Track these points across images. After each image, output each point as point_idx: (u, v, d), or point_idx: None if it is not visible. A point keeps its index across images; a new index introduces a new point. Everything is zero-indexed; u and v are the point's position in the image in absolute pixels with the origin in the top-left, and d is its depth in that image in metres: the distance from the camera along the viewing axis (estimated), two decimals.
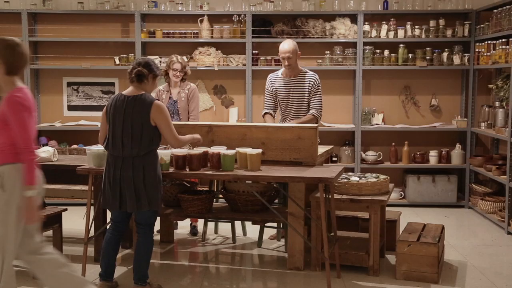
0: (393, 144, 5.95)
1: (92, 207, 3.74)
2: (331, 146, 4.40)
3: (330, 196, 3.71)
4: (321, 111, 4.45)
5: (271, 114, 4.65)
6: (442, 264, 4.00)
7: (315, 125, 3.81)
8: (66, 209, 3.91)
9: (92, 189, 3.88)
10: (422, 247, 3.65)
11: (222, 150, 3.63)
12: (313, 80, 4.45)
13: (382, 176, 4.02)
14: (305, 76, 4.48)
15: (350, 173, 4.21)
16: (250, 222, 4.38)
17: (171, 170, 3.61)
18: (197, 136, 3.69)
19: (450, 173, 5.93)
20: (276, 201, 4.44)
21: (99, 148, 3.66)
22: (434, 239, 3.71)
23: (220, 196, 4.33)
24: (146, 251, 3.43)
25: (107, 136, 3.38)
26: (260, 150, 3.62)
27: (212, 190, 4.34)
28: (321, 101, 4.46)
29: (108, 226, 3.94)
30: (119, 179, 3.32)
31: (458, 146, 5.89)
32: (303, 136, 3.78)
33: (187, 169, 3.60)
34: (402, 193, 5.95)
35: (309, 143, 3.77)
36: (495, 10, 5.16)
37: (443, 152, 5.90)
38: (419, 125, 6.00)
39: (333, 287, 3.55)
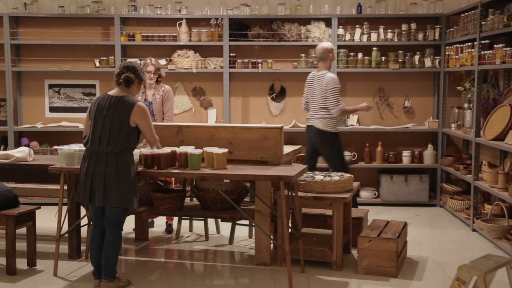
0: (367, 144, 6.11)
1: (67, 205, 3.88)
2: (299, 146, 4.54)
3: (294, 194, 3.85)
4: (333, 106, 4.86)
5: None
6: (404, 259, 4.15)
7: (280, 125, 3.95)
8: (39, 207, 4.03)
9: (66, 187, 4.02)
10: (382, 243, 3.80)
11: (189, 149, 3.77)
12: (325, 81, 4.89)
13: (346, 175, 4.17)
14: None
15: (317, 172, 4.35)
16: (225, 220, 4.53)
17: (140, 168, 3.75)
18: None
19: (422, 173, 6.09)
20: (248, 199, 4.61)
21: (71, 147, 3.79)
22: (394, 235, 3.86)
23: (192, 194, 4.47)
24: (113, 247, 3.54)
25: (88, 133, 3.54)
26: (225, 150, 3.76)
27: (184, 188, 4.48)
28: (334, 98, 4.85)
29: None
30: (91, 173, 3.47)
31: (430, 146, 6.05)
32: (269, 136, 3.92)
33: (156, 168, 3.74)
34: (376, 192, 6.11)
35: (274, 142, 3.91)
36: (462, 15, 5.33)
37: (416, 152, 6.06)
38: (393, 126, 6.16)
39: (296, 282, 3.70)
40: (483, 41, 4.84)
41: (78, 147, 3.81)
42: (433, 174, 6.09)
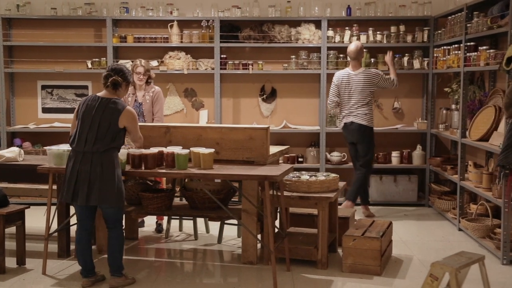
0: None
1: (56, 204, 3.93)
2: (286, 147, 4.60)
3: (279, 194, 3.91)
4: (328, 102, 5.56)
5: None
6: (389, 258, 4.21)
7: (266, 126, 4.02)
8: (28, 207, 4.09)
9: (55, 187, 4.08)
10: (366, 241, 3.86)
11: (176, 149, 3.83)
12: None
13: (332, 175, 4.23)
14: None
15: (304, 171, 4.41)
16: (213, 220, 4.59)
17: (128, 168, 3.80)
18: None
19: (411, 173, 6.15)
20: (237, 199, 4.67)
21: (60, 147, 3.85)
22: (378, 234, 3.92)
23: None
24: (117, 244, 3.63)
25: (74, 132, 3.59)
26: (212, 150, 3.82)
27: (172, 188, 4.54)
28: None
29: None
30: (77, 172, 3.53)
31: (418, 147, 6.12)
32: (255, 136, 3.98)
33: (143, 168, 3.80)
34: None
35: (260, 143, 3.97)
36: (449, 17, 5.40)
37: (405, 153, 6.13)
38: (382, 127, 6.22)
39: (282, 280, 3.76)
40: (468, 43, 4.91)
41: (67, 147, 3.86)
42: (421, 175, 6.15)
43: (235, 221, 4.68)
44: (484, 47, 4.61)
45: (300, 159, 6.19)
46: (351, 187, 5.51)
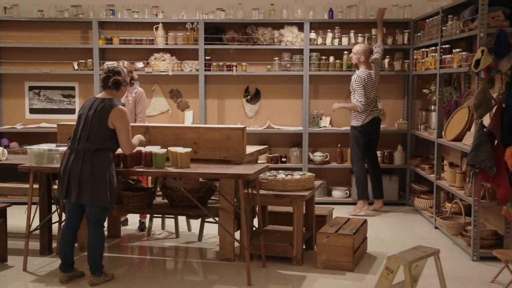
0: (339, 145, 6.28)
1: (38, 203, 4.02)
2: (264, 146, 4.71)
3: (255, 192, 4.02)
4: (361, 102, 5.58)
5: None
6: (363, 254, 4.32)
7: (242, 126, 4.12)
8: (10, 205, 4.18)
9: (37, 185, 4.17)
10: (339, 238, 3.97)
11: (154, 149, 3.93)
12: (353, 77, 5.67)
13: (308, 174, 4.34)
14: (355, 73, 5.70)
15: (281, 171, 4.52)
16: (192, 218, 4.70)
17: None
18: (142, 138, 3.99)
19: (392, 173, 6.27)
20: (218, 198, 4.76)
21: (40, 147, 3.95)
22: (351, 231, 4.03)
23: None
24: (97, 244, 3.71)
25: (73, 131, 3.71)
26: (189, 149, 3.92)
27: (153, 187, 4.64)
28: (360, 94, 5.56)
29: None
30: (69, 170, 3.62)
31: (399, 147, 6.24)
32: (232, 136, 4.08)
33: (122, 166, 3.89)
34: (347, 191, 6.28)
35: (237, 142, 4.08)
36: (427, 20, 5.52)
37: (386, 153, 6.24)
38: None
39: (256, 276, 3.86)
40: (444, 46, 5.02)
41: (48, 146, 3.96)
42: (402, 174, 6.27)
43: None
44: (458, 50, 4.73)
45: (283, 159, 6.30)
46: (374, 185, 5.80)
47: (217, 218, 4.16)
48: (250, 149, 4.37)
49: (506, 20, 4.10)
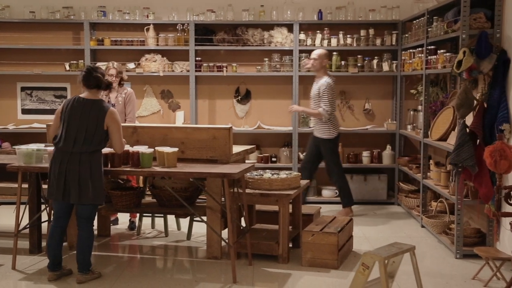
0: None
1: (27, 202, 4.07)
2: (251, 146, 4.77)
3: (241, 191, 4.07)
4: (327, 111, 5.42)
5: None
6: (349, 252, 4.38)
7: (229, 126, 4.18)
8: (0, 204, 4.23)
9: (26, 185, 4.22)
10: (324, 237, 4.03)
11: (141, 149, 3.99)
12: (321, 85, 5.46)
13: (294, 173, 4.40)
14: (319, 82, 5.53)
15: (268, 170, 4.57)
16: (179, 216, 4.75)
17: None
18: None
19: (381, 172, 6.33)
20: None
21: (29, 147, 4.00)
22: (336, 229, 4.09)
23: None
24: (87, 243, 3.76)
25: (60, 133, 3.71)
26: (176, 149, 3.98)
27: (142, 186, 4.69)
28: (326, 102, 5.41)
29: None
30: (65, 172, 3.65)
31: (388, 147, 6.30)
32: (218, 136, 4.14)
33: (109, 166, 3.95)
34: (337, 191, 6.33)
35: (223, 142, 4.14)
36: (414, 21, 5.59)
37: (375, 153, 6.31)
38: (353, 128, 6.40)
39: (242, 274, 3.92)
40: (430, 47, 5.09)
41: (36, 146, 4.02)
42: (391, 174, 6.34)
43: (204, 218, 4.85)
44: (443, 51, 4.80)
45: (273, 159, 6.36)
46: (342, 193, 5.65)
47: (204, 217, 4.22)
48: (237, 148, 4.43)
49: (488, 22, 4.17)
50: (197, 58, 6.22)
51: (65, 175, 3.65)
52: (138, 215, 5.05)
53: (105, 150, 3.96)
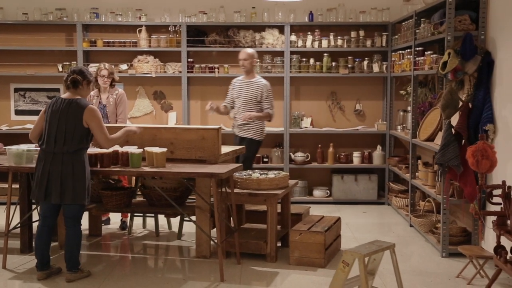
0: (320, 146, 6.40)
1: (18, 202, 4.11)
2: (240, 147, 4.82)
3: (229, 190, 4.12)
4: (273, 111, 5.30)
5: (225, 106, 5.45)
6: (336, 251, 4.43)
7: (217, 126, 4.23)
8: None
9: (17, 185, 4.26)
10: (311, 236, 4.08)
11: (130, 149, 4.04)
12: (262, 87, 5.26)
13: (282, 173, 4.45)
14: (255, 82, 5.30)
15: (257, 170, 4.62)
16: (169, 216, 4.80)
17: None
18: (131, 128, 4.09)
19: (371, 173, 6.39)
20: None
21: (19, 147, 4.04)
22: (323, 229, 4.14)
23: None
24: (75, 242, 3.80)
25: (43, 134, 3.77)
26: (164, 149, 4.03)
27: (134, 187, 4.74)
28: (271, 103, 5.29)
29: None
30: (48, 172, 3.70)
31: (378, 147, 6.36)
32: (207, 136, 4.19)
33: (99, 166, 3.99)
34: (328, 191, 6.40)
35: (211, 143, 4.19)
36: (403, 23, 5.65)
37: (365, 153, 6.37)
38: (344, 128, 6.46)
39: (230, 272, 3.96)
40: (418, 48, 5.15)
41: (26, 147, 4.06)
42: (381, 174, 6.39)
43: (194, 218, 4.90)
44: (430, 52, 4.86)
45: (265, 159, 6.41)
46: None
47: (194, 217, 4.26)
48: (226, 149, 4.48)
49: (472, 24, 4.23)
50: (189, 60, 6.28)
51: (48, 175, 3.70)
52: (129, 215, 5.10)
53: (94, 150, 4.02)
